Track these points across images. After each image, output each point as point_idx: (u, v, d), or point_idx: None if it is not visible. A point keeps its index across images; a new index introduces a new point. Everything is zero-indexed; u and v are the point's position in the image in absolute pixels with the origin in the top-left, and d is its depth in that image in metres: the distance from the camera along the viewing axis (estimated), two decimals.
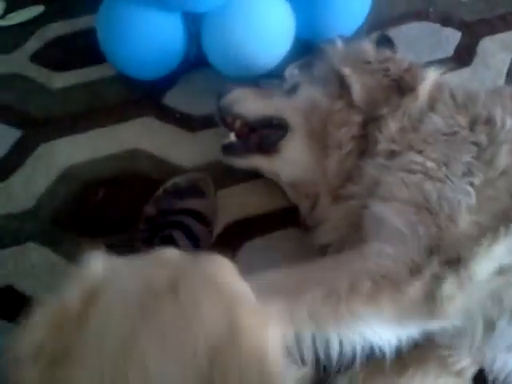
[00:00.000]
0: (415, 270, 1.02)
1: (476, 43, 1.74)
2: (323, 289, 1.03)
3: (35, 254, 1.37)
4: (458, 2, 1.86)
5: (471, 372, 1.14)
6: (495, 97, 1.22)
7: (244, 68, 1.57)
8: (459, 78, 1.57)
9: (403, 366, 1.12)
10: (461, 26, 1.79)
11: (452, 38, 1.77)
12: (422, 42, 1.75)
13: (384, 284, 1.02)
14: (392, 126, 1.22)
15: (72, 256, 1.36)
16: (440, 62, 1.39)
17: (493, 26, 1.79)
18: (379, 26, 1.74)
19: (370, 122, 1.26)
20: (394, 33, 1.73)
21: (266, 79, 1.57)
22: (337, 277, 1.05)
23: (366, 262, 1.05)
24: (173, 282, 0.59)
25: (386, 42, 1.52)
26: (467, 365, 1.12)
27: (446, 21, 1.81)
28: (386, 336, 1.04)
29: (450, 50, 1.74)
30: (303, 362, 1.08)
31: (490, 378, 1.12)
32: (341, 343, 1.04)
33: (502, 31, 1.78)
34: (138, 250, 1.26)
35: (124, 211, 1.42)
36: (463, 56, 1.71)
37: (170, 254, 0.67)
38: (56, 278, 1.23)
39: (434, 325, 1.04)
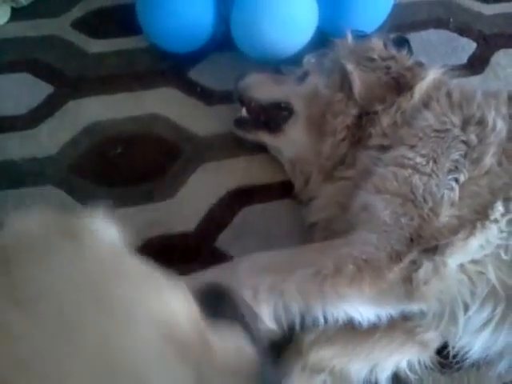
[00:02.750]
0: (395, 257, 1.12)
1: (490, 55, 1.82)
2: (311, 269, 1.13)
3: (52, 195, 1.50)
4: (478, 14, 1.93)
5: (435, 345, 1.22)
6: (491, 99, 1.28)
7: (266, 52, 1.68)
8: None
9: (372, 329, 1.21)
10: (478, 37, 1.87)
11: (468, 47, 1.85)
12: (438, 49, 1.83)
13: (366, 269, 1.11)
14: (384, 121, 1.31)
15: (85, 201, 1.49)
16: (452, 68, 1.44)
17: (509, 40, 1.86)
18: (399, 29, 1.83)
19: (365, 115, 1.36)
20: (412, 37, 1.81)
21: (286, 65, 1.67)
22: (324, 259, 1.15)
23: (351, 248, 1.15)
24: None
25: (403, 43, 1.61)
26: (432, 338, 1.20)
27: (464, 31, 1.89)
28: (366, 314, 1.13)
29: (463, 58, 1.82)
30: (290, 329, 1.18)
31: (452, 353, 1.20)
32: (325, 316, 1.14)
33: None
34: None
35: (138, 168, 1.55)
36: (476, 65, 1.79)
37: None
38: None
39: (412, 307, 1.13)
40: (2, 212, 1.47)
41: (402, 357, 1.21)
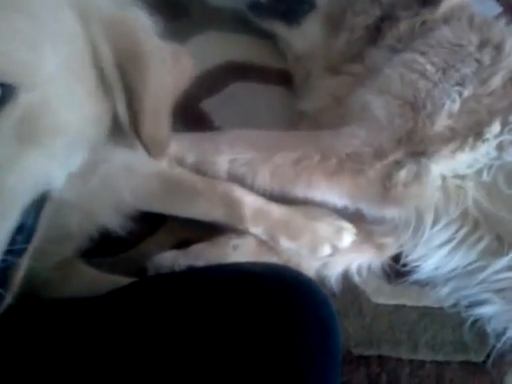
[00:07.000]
0: (380, 154, 1.10)
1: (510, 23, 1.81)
2: (293, 155, 1.12)
3: None
4: None
5: (391, 251, 1.22)
6: None
7: None
8: None
9: None
10: (505, 3, 1.85)
11: (491, 10, 1.82)
12: None
13: (348, 163, 1.10)
14: (402, 27, 1.30)
15: None
16: None
17: None
18: None
19: (387, 19, 1.34)
20: None
21: None
22: (308, 148, 1.13)
23: (337, 140, 1.14)
24: None
25: None
26: (389, 243, 1.20)
27: None
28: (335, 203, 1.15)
29: None
30: None
31: (402, 260, 1.20)
32: None
33: None
34: None
35: None
36: None
37: None
38: None
39: (384, 211, 1.13)
40: None
41: (357, 256, 1.20)
